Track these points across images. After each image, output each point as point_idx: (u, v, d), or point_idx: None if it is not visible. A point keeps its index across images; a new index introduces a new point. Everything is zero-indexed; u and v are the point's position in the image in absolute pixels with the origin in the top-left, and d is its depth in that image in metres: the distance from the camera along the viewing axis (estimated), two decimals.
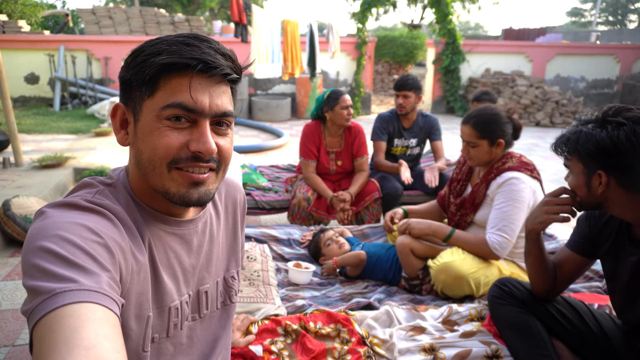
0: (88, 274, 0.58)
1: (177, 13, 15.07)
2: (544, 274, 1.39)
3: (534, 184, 1.84)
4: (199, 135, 0.73)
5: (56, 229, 0.62)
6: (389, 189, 2.89)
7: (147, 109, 0.72)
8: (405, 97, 2.99)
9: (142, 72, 0.71)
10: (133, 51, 0.74)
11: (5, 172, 4.44)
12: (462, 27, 42.76)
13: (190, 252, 0.84)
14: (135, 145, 0.75)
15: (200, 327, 0.89)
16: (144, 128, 0.73)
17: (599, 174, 1.14)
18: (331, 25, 7.65)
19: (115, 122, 0.77)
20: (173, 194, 0.74)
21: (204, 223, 0.88)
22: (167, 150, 0.72)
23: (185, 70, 0.70)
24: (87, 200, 0.71)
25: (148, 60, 0.70)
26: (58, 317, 0.52)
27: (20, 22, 8.99)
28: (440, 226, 1.95)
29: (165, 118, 0.71)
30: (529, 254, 1.41)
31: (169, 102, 0.71)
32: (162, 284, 0.78)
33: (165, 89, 0.71)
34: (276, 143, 6.19)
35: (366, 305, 1.76)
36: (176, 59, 0.69)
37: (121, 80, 0.75)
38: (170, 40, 0.72)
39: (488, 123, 1.88)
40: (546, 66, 9.95)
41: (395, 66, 14.50)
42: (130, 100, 0.75)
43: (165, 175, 0.73)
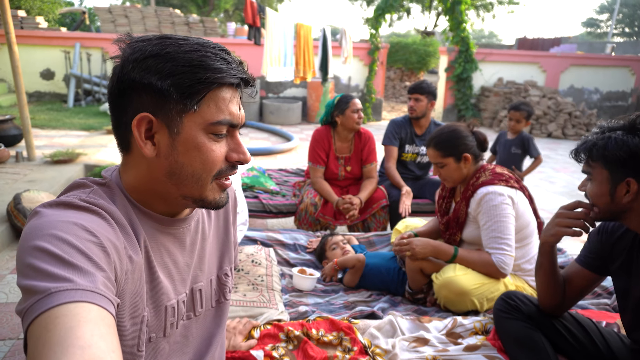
0: (83, 273, 0.58)
1: (192, 14, 15.21)
2: (553, 288, 1.37)
3: (511, 192, 1.83)
4: (235, 146, 0.77)
5: (51, 228, 0.61)
6: (396, 197, 2.87)
7: (191, 122, 0.72)
8: (417, 100, 2.99)
9: (188, 87, 0.70)
10: (148, 54, 0.69)
11: (18, 165, 4.50)
12: (475, 36, 42.62)
13: (184, 251, 0.84)
14: (173, 157, 0.73)
15: (195, 325, 0.89)
16: (187, 142, 0.73)
17: (628, 181, 1.10)
18: (344, 30, 7.66)
19: (140, 134, 0.72)
20: (210, 201, 0.78)
21: (196, 222, 0.88)
22: (214, 164, 0.75)
23: (228, 86, 0.73)
24: (82, 200, 0.70)
25: (193, 73, 0.69)
26: (53, 317, 0.52)
27: (38, 19, 9.13)
28: (443, 247, 1.91)
29: (212, 132, 0.74)
30: (540, 267, 1.39)
31: (219, 119, 0.73)
32: (158, 283, 0.78)
33: (210, 105, 0.72)
34: (286, 147, 6.20)
35: (370, 314, 1.75)
36: (228, 79, 0.72)
37: (143, 86, 0.70)
38: (204, 52, 0.71)
39: (448, 140, 1.90)
40: (560, 77, 9.88)
41: (407, 73, 14.48)
42: (161, 110, 0.71)
43: (207, 186, 0.76)
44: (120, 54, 0.72)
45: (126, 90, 0.71)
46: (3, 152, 4.48)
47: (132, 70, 0.69)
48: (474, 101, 9.55)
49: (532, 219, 1.89)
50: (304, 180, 3.23)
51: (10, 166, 4.47)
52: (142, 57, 0.69)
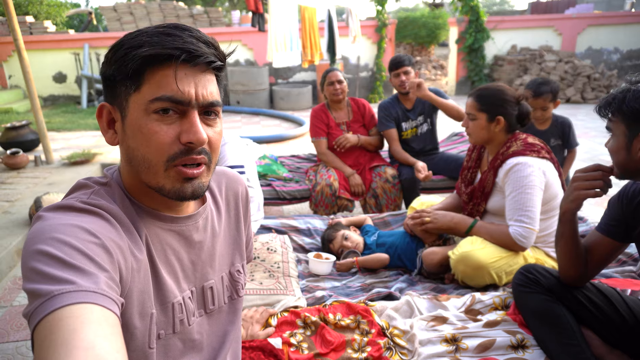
0: (86, 274, 0.58)
1: (196, 5, 15.14)
2: (575, 258, 1.33)
3: (542, 164, 1.76)
4: (189, 126, 0.72)
5: (52, 231, 0.62)
6: (407, 175, 2.84)
7: (134, 104, 0.71)
8: (407, 73, 2.91)
9: (125, 67, 0.69)
10: (112, 46, 0.73)
11: (37, 169, 4.59)
12: (486, 4, 41.28)
13: (190, 248, 0.83)
14: (126, 142, 0.74)
15: (208, 322, 0.89)
16: (132, 124, 0.72)
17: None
18: (350, 9, 7.52)
19: (102, 123, 0.76)
20: (168, 190, 0.74)
21: (205, 219, 0.87)
22: (160, 146, 0.71)
23: (169, 61, 0.69)
24: (83, 202, 0.70)
25: (130, 53, 0.69)
26: (57, 319, 0.53)
27: (45, 23, 9.22)
28: (463, 218, 1.90)
29: (154, 112, 0.70)
30: (561, 237, 1.34)
31: (157, 95, 0.70)
32: (162, 280, 0.78)
33: (150, 82, 0.70)
34: (297, 132, 6.17)
35: (387, 295, 1.74)
36: (158, 50, 0.68)
37: (103, 77, 0.74)
38: (150, 32, 0.70)
39: (490, 96, 1.85)
40: (577, 39, 9.52)
41: (417, 47, 14.18)
42: (115, 97, 0.73)
43: (161, 173, 0.72)
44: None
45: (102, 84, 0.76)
46: (22, 158, 4.58)
47: (102, 66, 0.74)
48: (487, 71, 9.31)
49: (560, 191, 1.83)
50: (316, 164, 3.22)
51: (30, 170, 4.57)
52: (108, 51, 0.73)
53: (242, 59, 9.12)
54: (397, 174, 2.90)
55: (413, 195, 2.83)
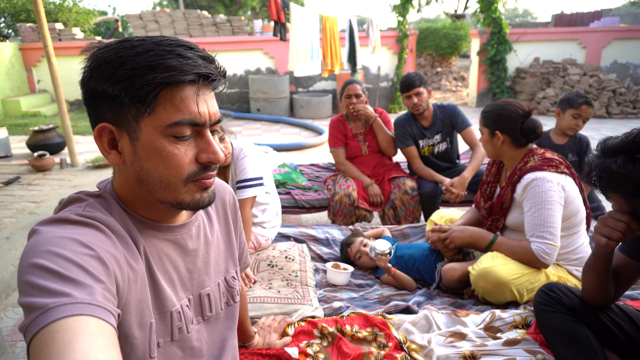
0: (81, 286, 0.58)
1: (219, 14, 15.41)
2: (604, 288, 1.29)
3: (561, 179, 1.73)
4: (206, 146, 0.73)
5: (47, 244, 0.61)
6: (427, 188, 2.82)
7: (148, 126, 0.69)
8: (419, 95, 2.84)
9: (137, 90, 0.66)
10: (108, 60, 0.67)
11: (62, 172, 4.71)
12: (509, 15, 40.99)
13: (186, 257, 0.84)
14: (138, 164, 0.72)
15: (206, 329, 0.89)
16: (147, 147, 0.70)
17: None
18: (371, 20, 7.55)
19: (103, 144, 0.73)
20: (187, 203, 0.75)
21: (197, 227, 0.87)
22: (180, 168, 0.72)
23: (185, 83, 0.68)
24: (78, 214, 0.70)
25: (141, 76, 0.66)
26: (52, 332, 0.52)
27: (74, 30, 9.49)
28: (482, 234, 1.88)
29: (172, 135, 0.70)
30: (592, 269, 1.29)
31: (176, 119, 0.69)
32: (161, 289, 0.78)
33: (166, 106, 0.68)
34: (317, 141, 6.20)
35: (404, 308, 1.73)
36: (179, 77, 0.67)
37: (97, 95, 0.69)
38: (157, 51, 0.67)
39: (491, 112, 1.90)
40: (602, 52, 9.36)
41: (438, 59, 14.13)
42: (120, 118, 0.70)
43: (180, 189, 0.73)
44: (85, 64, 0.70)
45: (88, 101, 0.71)
46: (48, 160, 4.71)
47: (90, 79, 0.69)
48: (509, 84, 9.21)
49: (581, 207, 1.79)
50: (335, 174, 3.23)
51: (56, 173, 4.70)
52: (97, 65, 0.68)
53: (263, 67, 9.23)
54: (416, 186, 2.88)
55: (433, 208, 2.80)
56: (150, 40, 0.69)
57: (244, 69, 9.18)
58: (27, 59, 9.03)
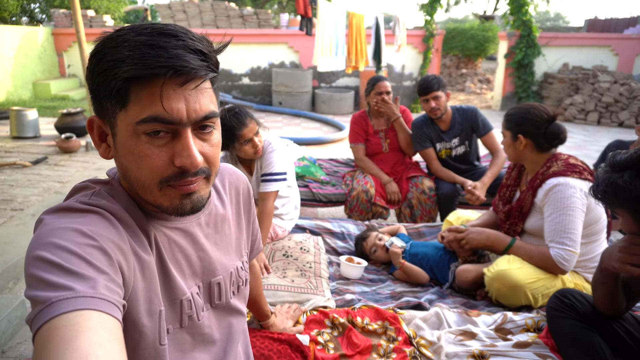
0: (83, 279, 0.57)
1: (246, 6, 15.50)
2: (614, 302, 1.29)
3: (584, 185, 1.71)
4: (181, 149, 0.67)
5: (49, 236, 0.61)
6: (445, 189, 2.81)
7: (122, 122, 0.66)
8: (437, 99, 2.80)
9: (109, 84, 0.64)
10: (93, 53, 0.66)
11: (88, 154, 4.84)
12: (539, 18, 40.04)
13: (195, 244, 0.82)
14: (119, 160, 0.70)
15: (215, 315, 0.88)
16: (122, 145, 0.68)
17: None
18: (398, 18, 7.50)
19: (94, 136, 0.72)
20: (166, 207, 0.71)
21: (207, 215, 0.85)
22: (152, 170, 0.67)
23: (155, 77, 0.63)
24: (83, 203, 0.69)
25: (112, 69, 0.63)
26: (53, 328, 0.52)
27: (105, 17, 9.69)
28: (499, 237, 1.87)
29: (143, 133, 0.65)
30: (601, 284, 1.29)
31: (143, 116, 0.64)
32: (171, 278, 0.77)
33: (136, 102, 0.64)
34: (337, 136, 6.21)
35: (416, 305, 1.74)
36: (141, 71, 0.62)
37: (89, 89, 0.68)
38: (132, 42, 0.63)
39: (514, 115, 1.88)
40: (634, 61, 9.11)
41: (464, 60, 13.96)
42: (103, 112, 0.68)
43: (156, 192, 0.69)
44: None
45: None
46: (75, 142, 4.84)
47: (87, 70, 0.68)
48: (535, 88, 9.04)
49: (602, 214, 1.77)
50: (354, 170, 3.24)
51: (81, 155, 4.83)
52: (90, 57, 0.67)
53: (287, 61, 9.27)
54: (434, 186, 2.87)
55: (450, 209, 2.79)
56: (136, 29, 0.65)
57: (268, 62, 9.23)
58: (58, 44, 9.27)
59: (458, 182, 2.83)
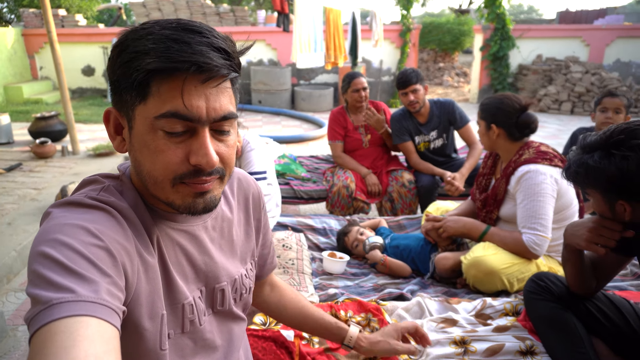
0: (86, 282, 0.57)
1: (222, 4, 15.35)
2: (582, 279, 1.34)
3: (554, 172, 1.77)
4: (198, 147, 0.66)
5: (56, 232, 0.60)
6: (424, 182, 2.85)
7: (140, 116, 0.66)
8: (415, 92, 2.84)
9: (130, 76, 0.63)
10: (116, 44, 0.66)
11: (64, 159, 4.74)
12: (513, 11, 40.71)
13: (200, 248, 0.81)
14: (133, 154, 0.70)
15: (215, 320, 0.87)
16: (139, 138, 0.67)
17: (621, 203, 1.08)
18: (374, 13, 7.54)
19: (110, 128, 0.71)
20: (178, 205, 0.70)
21: (214, 219, 0.84)
22: (167, 166, 0.66)
23: (177, 72, 0.62)
24: (92, 198, 0.68)
25: (134, 61, 0.63)
26: (51, 333, 0.52)
27: (77, 16, 9.48)
28: (475, 224, 1.93)
29: (161, 128, 0.65)
30: (567, 261, 1.35)
31: (162, 111, 0.64)
32: (173, 281, 0.76)
33: (156, 95, 0.64)
34: (317, 134, 6.22)
35: (398, 296, 1.77)
36: (164, 64, 0.61)
37: (110, 80, 0.68)
38: (156, 35, 0.63)
39: (488, 105, 1.93)
40: (605, 51, 9.35)
41: (441, 54, 14.10)
42: (122, 104, 0.68)
43: (168, 189, 0.68)
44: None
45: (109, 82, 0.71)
46: (50, 147, 4.74)
47: (109, 62, 0.68)
48: (511, 80, 9.21)
49: (574, 200, 1.83)
50: (334, 166, 3.26)
51: (57, 160, 4.73)
52: (112, 48, 0.67)
53: (265, 59, 9.23)
54: (413, 179, 2.91)
55: (430, 201, 2.83)
56: (161, 23, 0.65)
57: (246, 59, 9.17)
58: (29, 45, 9.03)
59: (437, 174, 2.87)
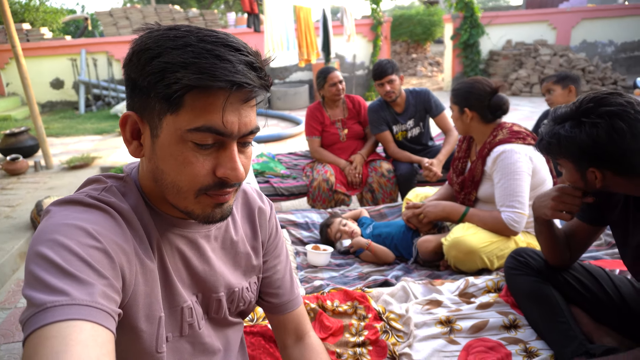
0: (82, 284, 0.56)
1: (191, 8, 15.18)
2: (556, 250, 1.39)
3: (528, 150, 1.81)
4: (226, 160, 0.66)
5: (54, 232, 0.60)
6: (403, 171, 2.88)
7: (170, 126, 0.64)
8: (391, 82, 2.87)
9: (164, 85, 0.62)
10: (146, 47, 0.63)
11: (37, 174, 4.63)
12: (481, 0, 41.34)
13: (200, 256, 0.80)
14: (154, 161, 0.68)
15: (211, 325, 0.86)
16: (165, 148, 0.66)
17: (592, 170, 1.12)
18: (345, 8, 7.55)
19: (126, 133, 0.69)
20: (197, 215, 0.70)
21: (217, 229, 0.84)
22: (194, 178, 0.66)
23: (217, 89, 0.62)
24: (92, 197, 0.68)
25: (170, 72, 0.61)
26: (44, 337, 0.51)
27: (42, 30, 9.26)
28: (454, 207, 1.96)
29: (191, 140, 0.64)
30: (539, 234, 1.40)
31: (197, 125, 0.63)
32: (172, 284, 0.76)
33: (191, 109, 0.63)
34: (294, 131, 6.22)
35: (383, 282, 1.78)
36: (208, 82, 0.60)
37: (131, 82, 0.66)
38: (196, 48, 0.61)
39: (460, 89, 1.96)
40: (571, 33, 9.58)
41: (413, 45, 14.24)
42: (145, 110, 0.66)
43: (191, 199, 0.68)
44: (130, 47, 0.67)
45: (125, 84, 0.69)
46: (22, 164, 4.62)
47: (129, 64, 0.66)
48: (482, 66, 9.36)
49: (548, 176, 1.88)
50: (313, 161, 3.26)
51: (30, 176, 4.61)
52: (137, 50, 0.64)
53: None
54: (392, 168, 2.94)
55: (409, 189, 2.85)
56: (196, 33, 0.64)
57: None
58: None
59: (415, 162, 2.90)
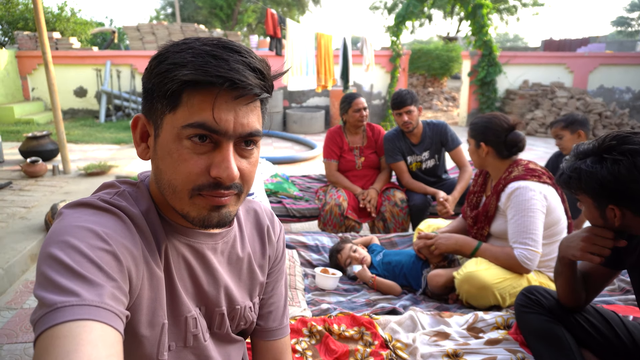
0: (91, 285, 0.58)
1: (215, 29, 15.61)
2: (574, 292, 1.37)
3: (543, 188, 1.81)
4: (220, 160, 0.67)
5: (65, 234, 0.61)
6: (416, 201, 2.88)
7: (168, 125, 0.67)
8: (409, 113, 2.90)
9: (164, 85, 0.65)
10: (157, 55, 0.68)
11: (55, 178, 4.72)
12: (500, 39, 41.97)
13: (205, 268, 0.80)
14: (155, 162, 0.71)
15: (214, 342, 0.86)
16: (163, 146, 0.68)
17: (611, 208, 1.12)
18: (365, 39, 7.72)
19: (136, 135, 0.73)
20: (193, 218, 0.70)
21: (225, 243, 0.84)
22: (187, 177, 0.67)
23: (211, 86, 0.64)
24: (104, 201, 0.69)
25: (171, 71, 0.64)
26: (54, 337, 0.53)
27: (71, 39, 9.57)
28: (467, 241, 1.96)
29: (187, 138, 0.66)
30: (560, 274, 1.37)
31: (190, 121, 0.65)
32: (177, 293, 0.76)
33: (187, 106, 0.65)
34: (309, 155, 6.27)
35: (391, 310, 1.77)
36: (200, 76, 0.63)
37: (144, 88, 0.70)
38: (196, 50, 0.65)
39: (477, 124, 1.98)
40: (588, 77, 9.64)
41: (430, 79, 14.40)
42: (151, 112, 0.69)
43: (186, 200, 0.69)
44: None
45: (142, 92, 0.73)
46: (41, 166, 4.72)
47: (145, 72, 0.71)
48: (498, 104, 9.42)
49: (562, 216, 1.87)
50: (327, 185, 3.28)
51: (48, 179, 4.70)
52: (151, 59, 0.69)
53: None
54: (405, 198, 2.94)
55: (421, 219, 2.86)
56: (202, 40, 0.67)
57: None
58: (22, 67, 9.07)
59: (429, 193, 2.90)
